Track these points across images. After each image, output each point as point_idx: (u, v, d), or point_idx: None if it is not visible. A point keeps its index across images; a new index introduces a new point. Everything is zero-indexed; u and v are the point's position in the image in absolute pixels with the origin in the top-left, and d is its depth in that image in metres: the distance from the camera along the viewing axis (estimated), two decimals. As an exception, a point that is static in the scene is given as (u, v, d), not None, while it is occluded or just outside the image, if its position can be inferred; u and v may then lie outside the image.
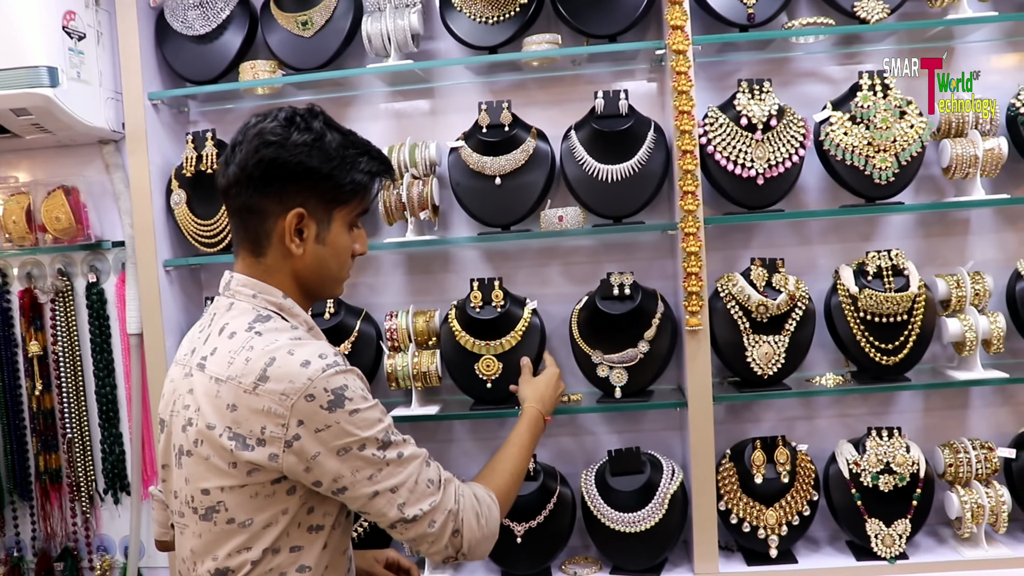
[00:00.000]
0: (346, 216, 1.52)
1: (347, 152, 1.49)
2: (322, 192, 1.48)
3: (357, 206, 1.53)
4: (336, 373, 1.41)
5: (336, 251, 1.54)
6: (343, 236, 1.54)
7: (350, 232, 1.55)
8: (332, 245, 1.53)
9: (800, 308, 2.53)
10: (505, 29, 2.59)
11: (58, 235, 2.79)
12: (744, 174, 2.49)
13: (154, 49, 2.76)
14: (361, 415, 1.42)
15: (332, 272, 1.56)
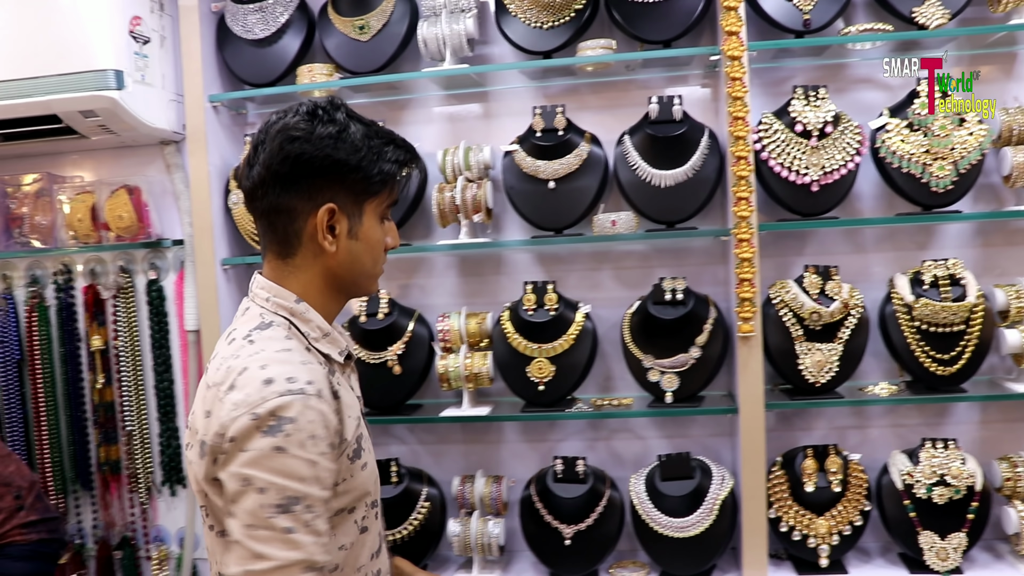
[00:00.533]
0: (376, 208, 1.45)
1: (373, 142, 1.41)
2: (351, 185, 1.41)
3: (387, 197, 1.46)
4: (293, 400, 1.26)
5: (369, 245, 1.46)
6: (375, 229, 1.46)
7: (381, 225, 1.48)
8: (365, 239, 1.45)
9: (854, 316, 2.51)
10: (560, 34, 2.60)
11: (121, 233, 2.86)
12: (798, 181, 2.47)
13: (215, 52, 2.82)
14: (283, 458, 1.23)
15: (366, 267, 1.48)
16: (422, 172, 2.74)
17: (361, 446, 1.41)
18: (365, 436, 1.45)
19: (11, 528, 1.96)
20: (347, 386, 1.46)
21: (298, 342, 1.38)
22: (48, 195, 2.92)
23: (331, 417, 1.30)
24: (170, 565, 2.99)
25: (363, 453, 1.41)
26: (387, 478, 2.64)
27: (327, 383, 1.34)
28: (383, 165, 1.41)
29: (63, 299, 2.97)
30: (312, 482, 1.25)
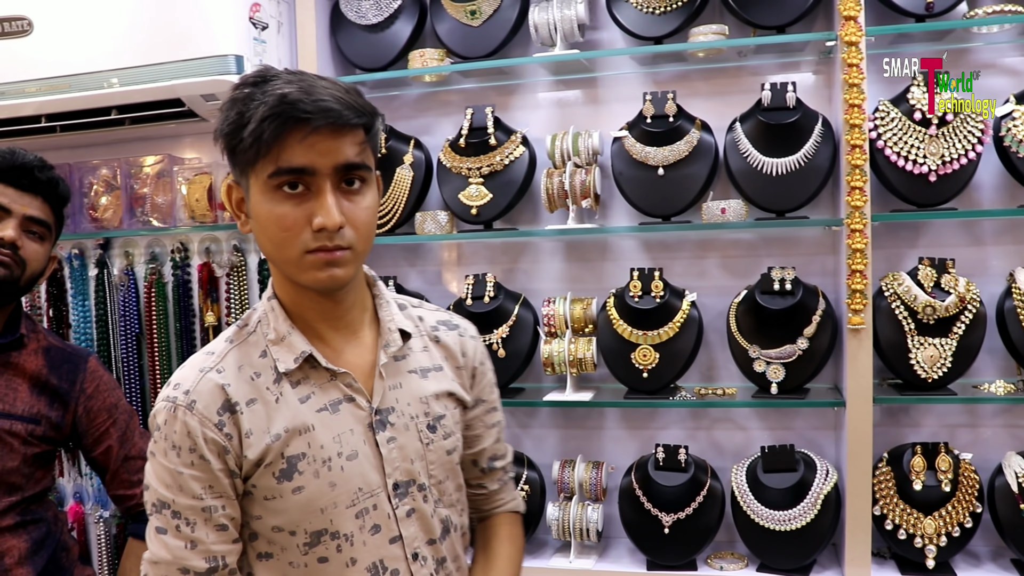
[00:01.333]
0: (261, 178, 1.24)
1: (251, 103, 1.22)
2: (232, 156, 1.27)
3: (271, 163, 1.22)
4: (163, 408, 1.30)
5: (260, 224, 1.27)
6: (261, 204, 1.25)
7: (273, 198, 1.24)
8: (255, 217, 1.28)
9: (970, 311, 2.43)
10: (672, 20, 2.58)
11: (234, 214, 2.94)
12: (915, 170, 2.41)
13: (328, 38, 2.89)
14: (152, 463, 1.31)
15: (268, 250, 1.30)
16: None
17: (296, 468, 1.30)
18: (315, 459, 1.31)
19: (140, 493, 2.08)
20: (290, 400, 1.32)
21: (248, 346, 1.36)
22: (168, 176, 3.03)
23: (205, 431, 1.27)
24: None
25: (297, 476, 1.30)
26: (488, 459, 2.67)
27: (219, 395, 1.29)
28: (251, 126, 1.21)
29: (179, 276, 3.08)
30: (177, 490, 1.28)
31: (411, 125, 2.95)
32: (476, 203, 2.69)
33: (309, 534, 1.32)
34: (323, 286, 1.29)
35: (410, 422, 1.39)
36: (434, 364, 1.46)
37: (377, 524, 1.35)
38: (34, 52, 2.71)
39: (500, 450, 1.60)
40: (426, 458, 1.40)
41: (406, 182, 2.76)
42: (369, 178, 1.31)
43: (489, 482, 1.60)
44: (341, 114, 1.22)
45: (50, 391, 1.99)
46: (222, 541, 1.30)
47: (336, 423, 1.33)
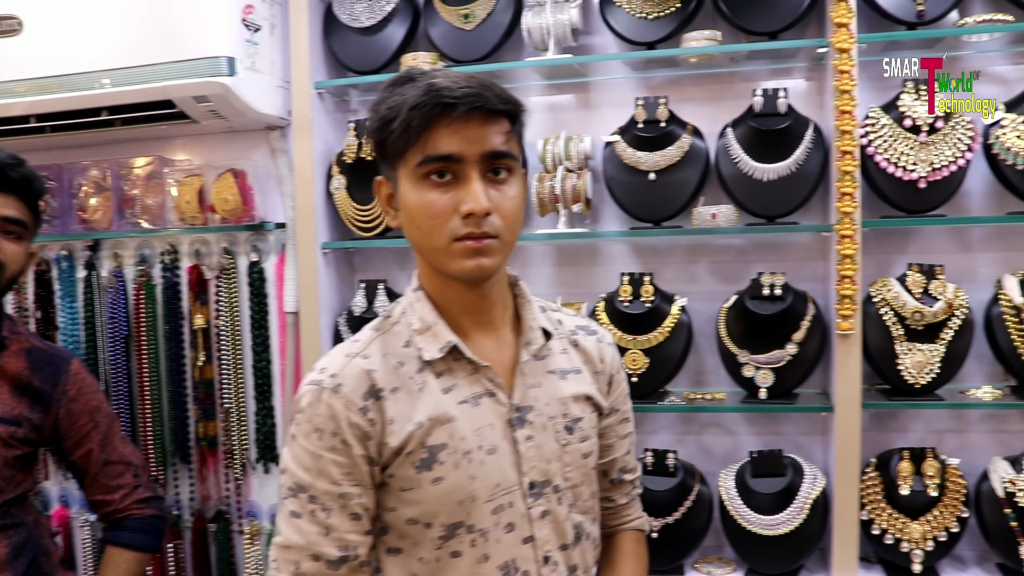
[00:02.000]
0: (409, 168, 1.27)
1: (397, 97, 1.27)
2: (382, 149, 1.32)
3: (419, 152, 1.26)
4: (308, 391, 1.31)
5: (409, 214, 1.30)
6: (410, 193, 1.28)
7: (422, 186, 1.27)
8: (404, 207, 1.31)
9: (958, 317, 2.45)
10: (664, 25, 2.59)
11: (226, 215, 2.94)
12: (905, 177, 2.42)
13: (321, 40, 2.88)
14: (294, 445, 1.32)
15: (417, 240, 1.32)
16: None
17: (436, 458, 1.30)
18: (456, 450, 1.31)
19: (131, 503, 2.07)
20: (433, 389, 1.33)
21: (393, 335, 1.38)
22: (158, 178, 3.02)
23: (349, 415, 1.28)
24: (261, 540, 3.07)
25: (437, 467, 1.30)
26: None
27: (365, 381, 1.31)
28: (400, 117, 1.25)
29: (169, 278, 3.06)
30: (316, 475, 1.28)
31: (403, 128, 2.94)
32: (467, 206, 2.69)
33: (445, 527, 1.31)
34: (470, 275, 1.30)
35: (548, 422, 1.38)
36: (573, 367, 1.46)
37: (512, 522, 1.34)
38: (24, 51, 2.70)
39: (630, 463, 1.59)
40: (562, 459, 1.39)
41: (397, 185, 2.76)
42: (515, 168, 1.32)
43: (617, 495, 1.59)
44: (488, 99, 1.25)
45: (32, 393, 1.97)
46: (356, 531, 1.30)
47: (477, 416, 1.34)
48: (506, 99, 1.28)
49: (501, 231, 1.28)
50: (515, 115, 1.31)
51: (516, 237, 1.33)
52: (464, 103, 1.23)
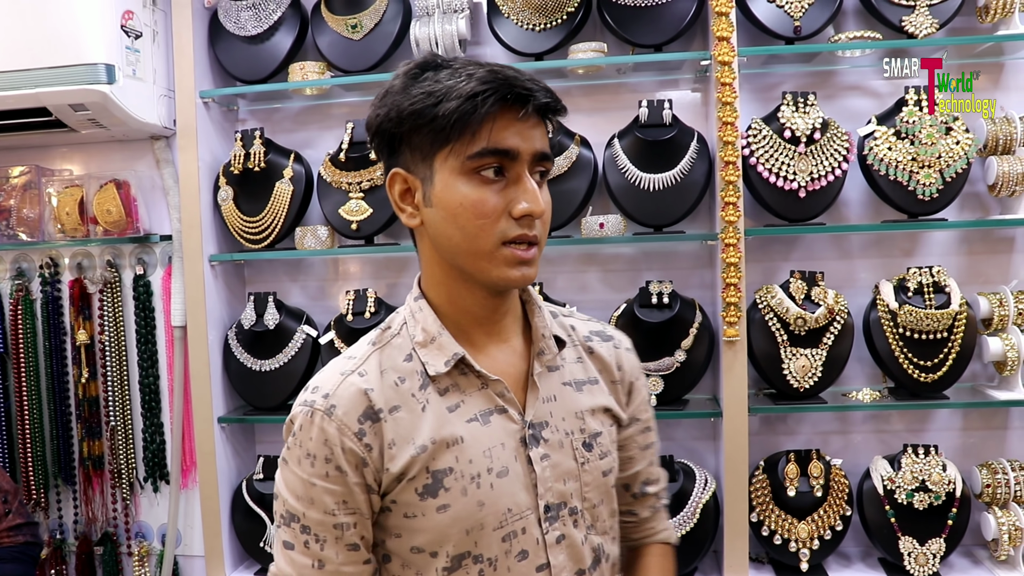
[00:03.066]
0: (452, 160, 1.15)
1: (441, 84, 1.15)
2: (412, 137, 1.18)
3: (468, 143, 1.14)
4: (300, 412, 1.21)
5: (449, 211, 1.17)
6: (452, 189, 1.16)
7: (469, 181, 1.16)
8: (440, 204, 1.17)
9: (839, 322, 2.52)
10: (552, 36, 2.61)
11: (108, 227, 2.85)
12: (786, 186, 2.49)
13: (207, 48, 2.82)
14: (285, 471, 1.22)
15: (456, 242, 1.18)
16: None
17: (442, 484, 1.19)
18: (464, 475, 1.20)
19: (1, 532, 1.97)
20: (438, 408, 1.22)
21: (393, 349, 1.26)
22: (36, 188, 2.90)
23: (344, 439, 1.17)
24: (151, 562, 2.98)
25: (443, 493, 1.19)
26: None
27: (361, 402, 1.19)
28: (448, 103, 1.13)
29: (49, 293, 2.95)
30: (308, 504, 1.19)
31: (292, 139, 2.90)
32: (356, 218, 2.66)
33: (451, 557, 1.20)
34: (512, 284, 1.20)
35: (565, 439, 1.27)
36: (589, 377, 1.34)
37: (524, 550, 1.22)
38: None
39: (654, 474, 1.46)
40: (581, 479, 1.27)
41: (286, 196, 2.71)
42: (550, 172, 1.25)
43: (640, 509, 1.45)
44: (555, 98, 1.18)
45: None
46: (352, 562, 1.20)
47: (487, 436, 1.22)
48: (558, 99, 1.20)
49: (542, 237, 1.20)
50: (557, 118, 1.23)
51: (544, 244, 1.23)
52: (539, 97, 1.15)
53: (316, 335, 2.76)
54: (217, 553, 2.76)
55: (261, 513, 2.71)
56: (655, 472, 1.46)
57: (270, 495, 2.69)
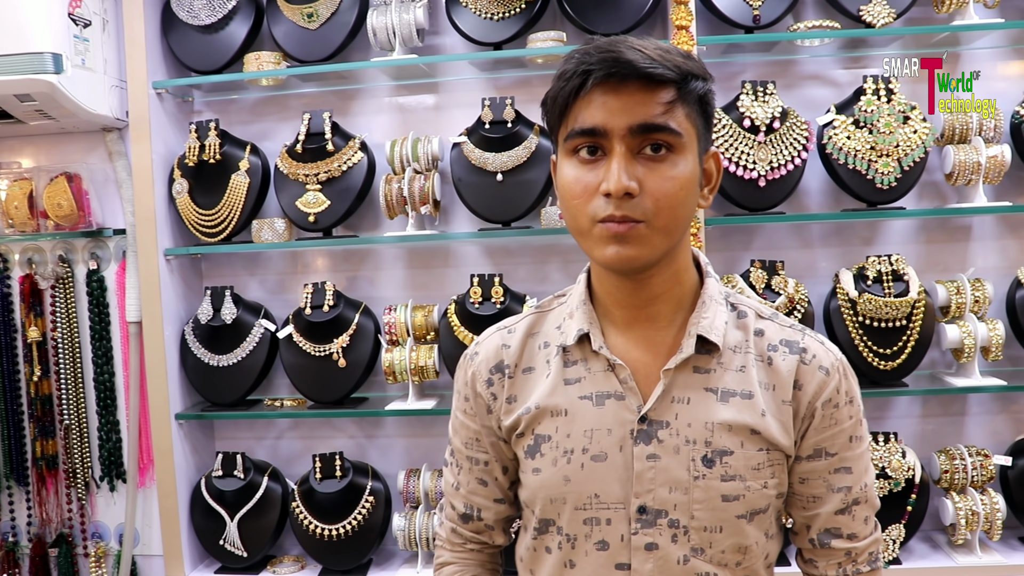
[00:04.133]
0: (564, 141, 1.16)
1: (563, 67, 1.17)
2: (548, 122, 1.21)
3: (572, 122, 1.14)
4: (461, 363, 1.37)
5: (561, 191, 1.18)
6: (564, 167, 1.17)
7: (572, 160, 1.16)
8: (558, 184, 1.20)
9: (799, 311, 2.52)
10: (510, 26, 2.58)
11: (60, 222, 2.78)
12: (746, 175, 2.49)
13: (159, 38, 2.75)
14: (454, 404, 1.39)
15: (566, 221, 1.20)
16: (371, 161, 2.69)
17: (539, 448, 1.23)
18: (558, 446, 1.22)
19: None
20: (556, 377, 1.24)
21: (553, 313, 1.33)
22: (-18, 181, 2.84)
23: (476, 384, 1.32)
24: (108, 562, 2.93)
25: (539, 457, 1.24)
26: (331, 472, 2.61)
27: (496, 355, 1.31)
28: (556, 86, 1.16)
29: (-2, 288, 2.89)
30: (454, 432, 1.37)
31: (248, 130, 2.85)
32: (314, 210, 2.62)
33: (539, 520, 1.27)
34: (610, 264, 1.15)
35: (683, 446, 1.18)
36: (743, 389, 1.21)
37: (605, 540, 1.20)
38: None
39: (847, 527, 1.26)
40: (691, 494, 1.18)
41: (242, 189, 2.67)
42: (680, 145, 1.13)
43: (822, 562, 1.28)
44: (627, 64, 1.10)
45: None
46: (480, 495, 1.35)
47: (595, 417, 1.21)
48: (663, 64, 1.11)
49: (650, 215, 1.11)
50: (681, 83, 1.12)
51: (677, 223, 1.15)
52: (599, 70, 1.10)
53: (275, 329, 2.71)
54: (176, 552, 2.71)
55: (220, 510, 2.67)
56: (849, 525, 1.26)
57: (230, 492, 2.67)
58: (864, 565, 1.27)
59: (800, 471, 1.25)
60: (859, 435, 1.26)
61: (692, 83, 1.13)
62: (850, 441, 1.24)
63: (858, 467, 1.25)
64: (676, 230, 1.15)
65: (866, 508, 1.27)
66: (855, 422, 1.25)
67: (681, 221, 1.16)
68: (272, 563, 2.75)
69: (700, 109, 1.16)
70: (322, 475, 2.61)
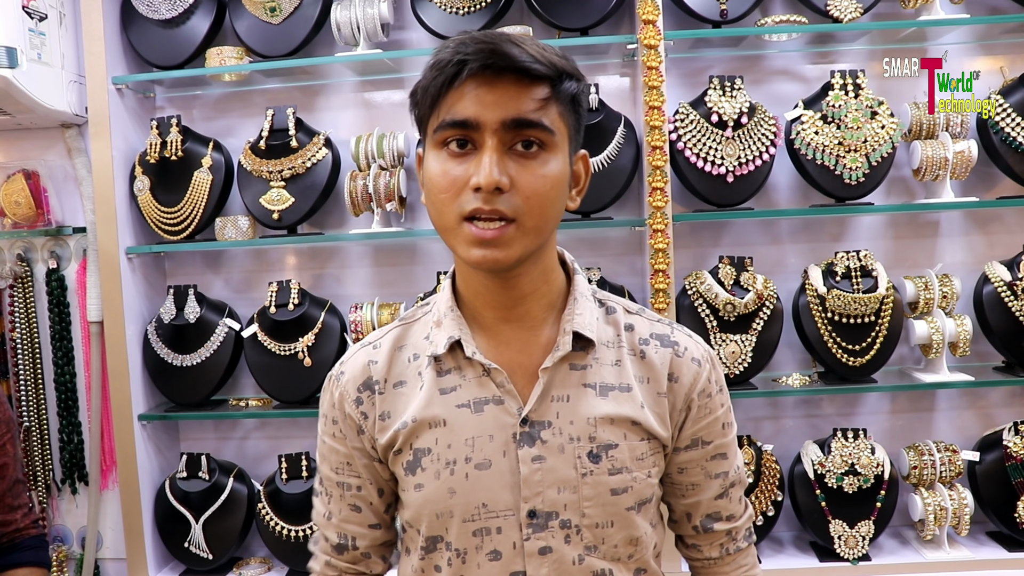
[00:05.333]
0: (432, 133, 1.12)
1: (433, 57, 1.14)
2: (414, 116, 1.17)
3: (442, 112, 1.10)
4: (329, 375, 1.30)
5: (428, 185, 1.14)
6: (431, 161, 1.13)
7: (438, 155, 1.12)
8: (426, 177, 1.15)
9: (768, 307, 2.52)
10: (476, 20, 2.55)
11: (17, 220, 2.73)
12: (714, 171, 2.47)
13: (119, 32, 2.70)
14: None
15: (431, 216, 1.16)
16: (336, 156, 2.65)
17: (419, 463, 1.19)
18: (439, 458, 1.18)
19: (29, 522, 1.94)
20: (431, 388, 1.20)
21: (419, 324, 1.27)
22: (-63, 179, 2.77)
23: (345, 405, 1.24)
24: (70, 567, 2.88)
25: (420, 472, 1.19)
26: (298, 472, 2.58)
27: (363, 372, 1.24)
28: (422, 78, 1.13)
29: (-45, 289, 2.82)
30: (321, 459, 1.30)
31: (211, 127, 2.80)
32: (277, 207, 2.58)
33: (425, 538, 1.21)
34: (476, 264, 1.11)
35: (567, 444, 1.17)
36: (621, 383, 1.21)
37: (497, 551, 1.17)
38: None
39: (726, 509, 1.29)
40: (580, 492, 1.17)
41: (205, 186, 2.62)
42: (551, 143, 1.11)
43: (706, 546, 1.31)
44: (504, 57, 1.06)
45: None
46: (354, 522, 1.28)
47: (474, 425, 1.18)
48: (540, 60, 1.08)
49: (520, 213, 1.08)
50: (556, 80, 1.10)
51: (546, 223, 1.12)
52: (475, 60, 1.06)
53: (239, 328, 2.67)
54: (140, 555, 2.67)
55: (185, 512, 2.63)
56: (728, 507, 1.29)
57: (194, 493, 2.63)
58: (742, 541, 1.32)
59: (678, 461, 1.26)
60: (730, 421, 1.29)
61: (567, 82, 1.12)
62: (723, 428, 1.27)
63: (731, 452, 1.29)
64: (545, 229, 1.13)
65: (739, 488, 1.32)
66: (726, 409, 1.28)
67: (550, 220, 1.14)
68: (238, 565, 2.71)
69: (572, 108, 1.14)
70: (288, 476, 2.58)
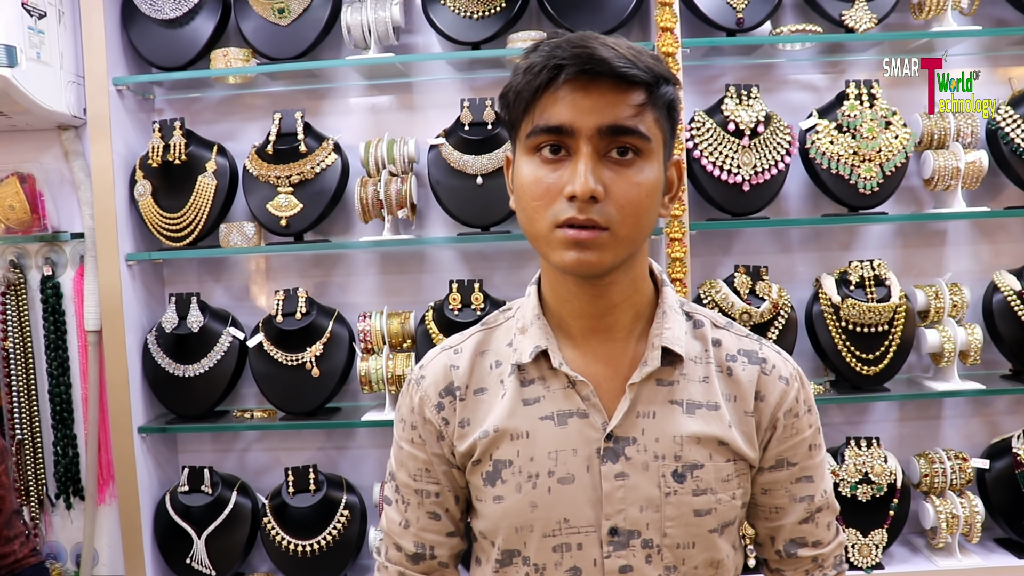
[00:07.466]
0: (524, 139, 1.11)
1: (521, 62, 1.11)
2: (505, 120, 1.16)
3: (535, 118, 1.09)
4: (408, 377, 1.28)
5: (519, 191, 1.12)
6: (522, 166, 1.11)
7: (531, 161, 1.10)
8: (516, 185, 1.14)
9: (783, 316, 2.51)
10: (489, 25, 2.52)
11: (11, 225, 2.64)
12: (730, 180, 2.46)
13: (120, 32, 2.63)
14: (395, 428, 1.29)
15: (522, 223, 1.13)
16: (344, 161, 2.61)
17: (500, 475, 1.16)
18: (521, 471, 1.16)
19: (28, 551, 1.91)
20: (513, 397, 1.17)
21: (501, 330, 1.24)
22: (-72, 183, 2.67)
23: (425, 410, 1.22)
24: (64, 583, 2.79)
25: (500, 484, 1.16)
26: (305, 486, 2.52)
27: (445, 376, 1.22)
28: (514, 81, 1.11)
29: (-55, 296, 2.73)
30: (399, 465, 1.25)
31: (215, 130, 2.73)
32: (285, 213, 2.52)
33: (501, 551, 1.18)
34: (570, 270, 1.09)
35: (652, 462, 1.14)
36: (709, 401, 1.18)
37: (577, 567, 1.15)
38: None
39: (811, 535, 1.25)
40: (662, 511, 1.14)
41: (209, 191, 2.56)
42: (647, 150, 1.08)
43: (789, 572, 1.27)
44: (601, 63, 1.03)
45: None
46: (432, 530, 1.24)
47: (559, 438, 1.15)
48: (637, 65, 1.06)
49: (614, 222, 1.06)
50: (652, 86, 1.07)
51: (639, 232, 1.10)
52: (572, 65, 1.04)
53: (243, 337, 2.61)
54: (139, 572, 2.59)
55: (187, 528, 2.56)
56: (814, 533, 1.25)
57: (196, 508, 2.56)
58: (830, 569, 1.27)
59: (762, 482, 1.23)
60: (818, 443, 1.25)
61: (663, 87, 1.09)
62: (810, 450, 1.23)
63: (818, 475, 1.25)
64: (638, 238, 1.11)
65: (828, 514, 1.26)
66: (814, 430, 1.24)
67: (644, 229, 1.11)
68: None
69: (668, 114, 1.11)
70: (295, 489, 2.52)
